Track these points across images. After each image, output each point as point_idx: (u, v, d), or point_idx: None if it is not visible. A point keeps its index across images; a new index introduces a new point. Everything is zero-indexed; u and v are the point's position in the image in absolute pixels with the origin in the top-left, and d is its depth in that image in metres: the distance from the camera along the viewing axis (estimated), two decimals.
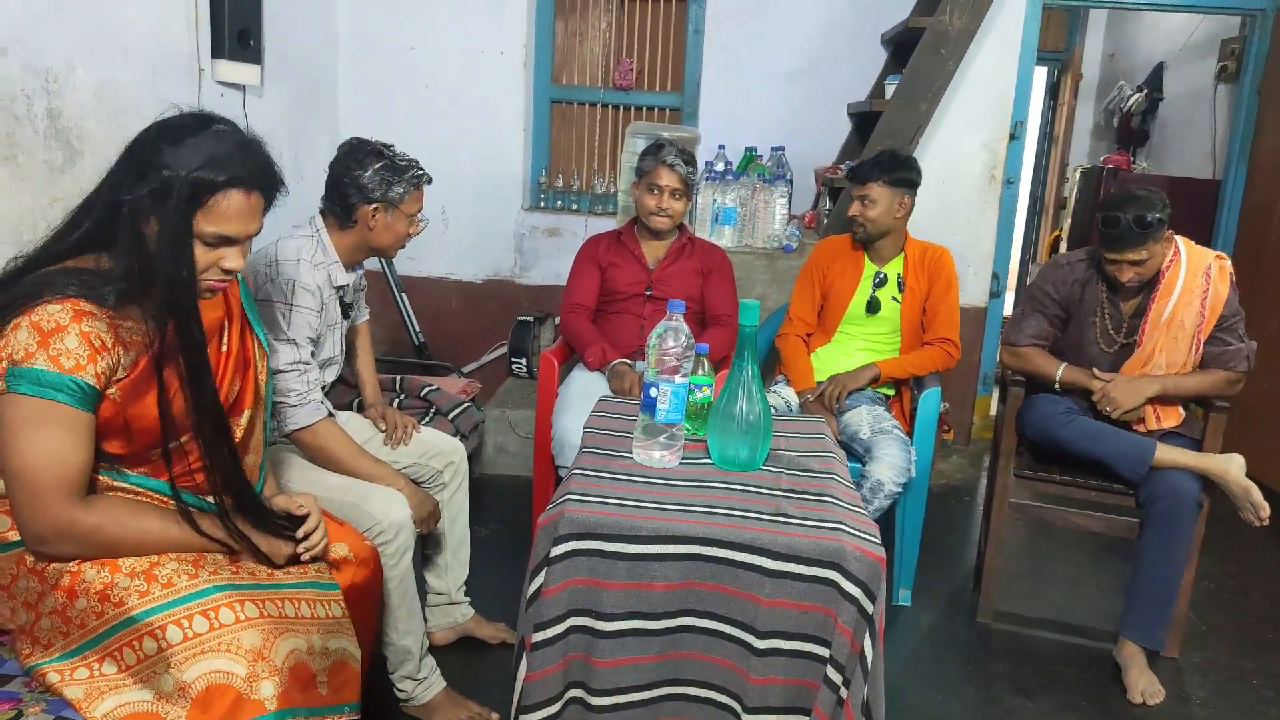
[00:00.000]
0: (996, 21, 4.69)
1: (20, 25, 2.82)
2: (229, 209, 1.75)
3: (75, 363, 1.67)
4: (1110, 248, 3.08)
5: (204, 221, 1.73)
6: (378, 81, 5.13)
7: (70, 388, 1.67)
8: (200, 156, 1.70)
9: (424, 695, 2.60)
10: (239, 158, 1.75)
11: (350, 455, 2.58)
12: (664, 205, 3.53)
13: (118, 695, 1.68)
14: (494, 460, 4.57)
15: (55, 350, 1.66)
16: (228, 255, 1.80)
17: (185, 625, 1.70)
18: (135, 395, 1.78)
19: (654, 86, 5.45)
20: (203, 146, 1.72)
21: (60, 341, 1.66)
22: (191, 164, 1.69)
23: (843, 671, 1.87)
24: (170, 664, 1.68)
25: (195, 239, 1.74)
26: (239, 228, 1.78)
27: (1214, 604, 3.65)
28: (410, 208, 2.69)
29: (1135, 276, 3.10)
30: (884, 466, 3.18)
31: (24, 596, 1.78)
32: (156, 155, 1.70)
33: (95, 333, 1.69)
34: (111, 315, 1.73)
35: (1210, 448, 3.10)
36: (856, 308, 3.61)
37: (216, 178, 1.71)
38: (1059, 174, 8.50)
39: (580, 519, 1.94)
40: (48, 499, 1.68)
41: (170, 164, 1.69)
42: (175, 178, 1.68)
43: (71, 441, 1.69)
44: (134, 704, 1.68)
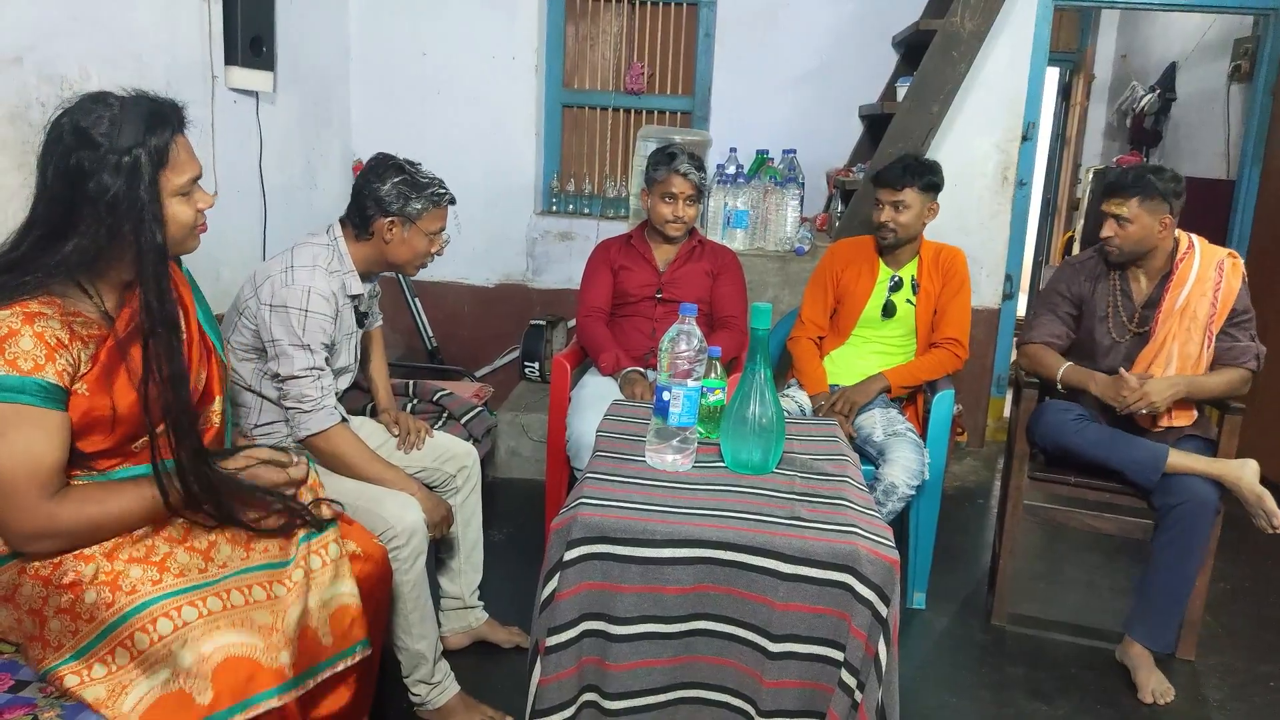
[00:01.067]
0: (1008, 23, 4.68)
1: (35, 34, 2.84)
2: (184, 154, 1.84)
3: (34, 363, 1.68)
4: (1105, 195, 3.17)
5: (173, 176, 1.81)
6: (390, 87, 5.15)
7: (33, 388, 1.68)
8: (138, 125, 1.77)
9: (438, 699, 2.60)
10: (160, 110, 1.82)
11: (364, 460, 2.59)
12: (679, 213, 3.54)
13: (139, 686, 1.70)
14: (507, 464, 4.58)
15: (11, 354, 1.67)
16: (200, 196, 1.90)
17: (175, 616, 1.73)
18: (105, 385, 1.80)
19: (665, 90, 5.45)
20: (131, 117, 1.77)
21: (15, 345, 1.68)
22: (139, 134, 1.76)
23: (857, 675, 1.86)
24: (186, 641, 1.71)
25: (171, 196, 1.81)
26: (196, 165, 1.88)
27: (1230, 607, 3.63)
28: (429, 225, 2.69)
29: (1116, 238, 3.13)
30: (897, 469, 3.18)
31: (29, 604, 1.79)
32: (98, 149, 1.74)
33: (49, 331, 1.71)
34: (64, 310, 1.75)
35: (1226, 450, 3.09)
36: (872, 311, 3.59)
37: (164, 133, 1.79)
38: (1072, 175, 8.47)
39: (594, 523, 1.94)
40: (25, 499, 1.70)
41: (121, 146, 1.74)
42: (137, 153, 1.74)
43: (42, 440, 1.71)
44: (157, 688, 1.70)
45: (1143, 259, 3.18)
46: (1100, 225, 3.18)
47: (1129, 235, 3.11)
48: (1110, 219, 3.13)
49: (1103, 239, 3.17)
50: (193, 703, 1.69)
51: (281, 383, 2.54)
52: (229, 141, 3.81)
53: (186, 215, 1.86)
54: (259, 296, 2.55)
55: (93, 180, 1.72)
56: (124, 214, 1.74)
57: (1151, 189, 3.07)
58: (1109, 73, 8.35)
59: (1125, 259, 3.19)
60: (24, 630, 1.81)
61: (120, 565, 1.79)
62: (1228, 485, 2.98)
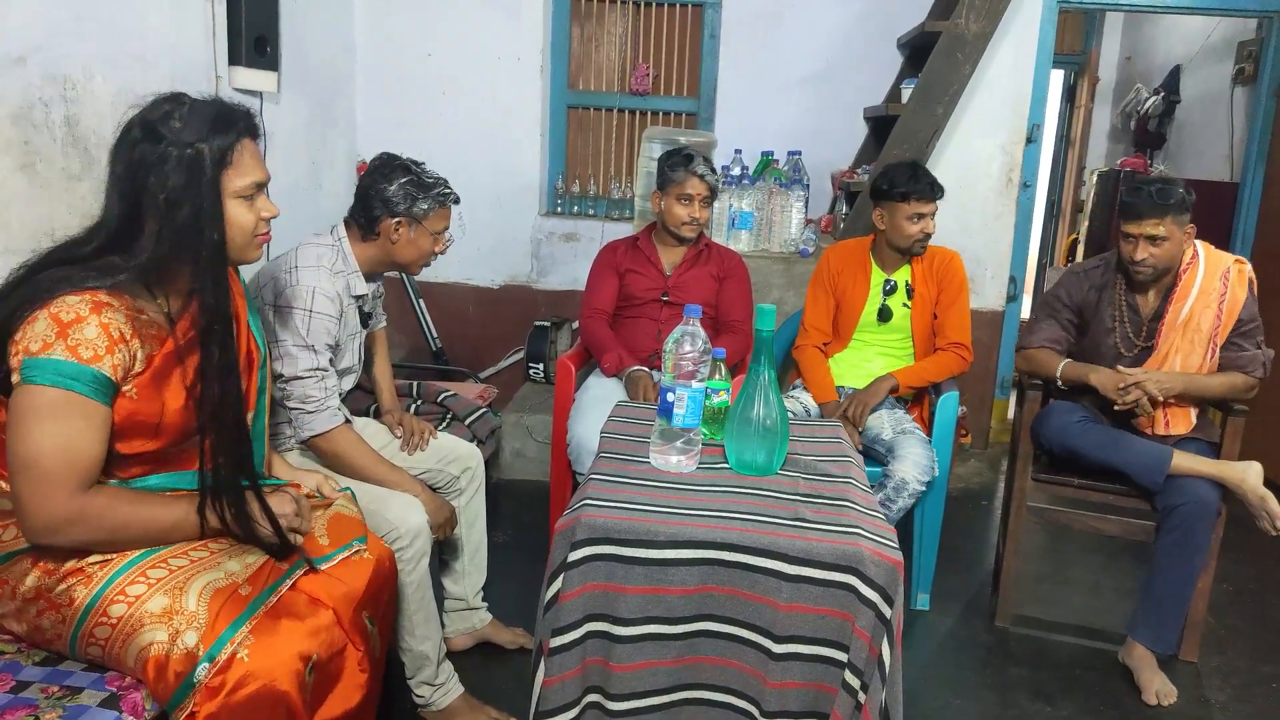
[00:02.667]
0: (1013, 25, 4.68)
1: (39, 35, 2.84)
2: (249, 158, 1.84)
3: (94, 353, 1.68)
4: (1130, 217, 3.07)
5: (235, 177, 1.81)
6: (395, 88, 5.15)
7: (89, 378, 1.68)
8: (203, 123, 1.77)
9: (442, 700, 2.61)
10: (229, 113, 1.83)
11: (367, 461, 2.59)
12: (695, 215, 3.54)
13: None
14: (511, 465, 4.58)
15: (74, 340, 1.67)
16: (263, 204, 1.90)
17: (120, 601, 1.77)
18: (155, 389, 1.80)
19: (670, 92, 5.45)
20: (197, 116, 1.78)
21: (80, 332, 1.68)
22: (202, 132, 1.76)
23: (861, 676, 1.86)
24: (120, 647, 1.76)
25: (233, 198, 1.82)
26: (262, 172, 1.87)
27: (1233, 608, 3.63)
28: (435, 225, 2.70)
29: (1150, 259, 3.07)
30: (908, 465, 3.18)
31: (26, 595, 1.82)
32: (161, 143, 1.74)
33: (114, 324, 1.71)
34: (130, 305, 1.75)
35: (1229, 452, 3.09)
36: (869, 316, 3.59)
37: (230, 134, 1.80)
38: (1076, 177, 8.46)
39: (598, 524, 1.94)
40: (56, 488, 1.68)
41: (184, 140, 1.75)
42: (200, 148, 1.75)
43: (87, 433, 1.70)
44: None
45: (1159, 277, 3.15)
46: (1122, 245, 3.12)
47: (1164, 253, 3.06)
48: (1141, 241, 3.06)
49: (1135, 262, 3.09)
50: (239, 594, 1.81)
51: (285, 384, 2.54)
52: None
53: (246, 219, 1.86)
54: (263, 297, 2.56)
55: (154, 174, 1.74)
56: (184, 210, 1.75)
57: (1180, 203, 3.02)
58: (1113, 75, 8.34)
59: (1156, 277, 3.15)
60: (27, 623, 1.84)
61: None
62: (1231, 487, 2.97)
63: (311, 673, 1.84)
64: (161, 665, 1.72)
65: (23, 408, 1.67)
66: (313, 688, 1.86)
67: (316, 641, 1.87)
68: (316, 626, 1.89)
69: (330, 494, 2.28)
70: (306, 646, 1.83)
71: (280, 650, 1.78)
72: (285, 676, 1.76)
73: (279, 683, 1.75)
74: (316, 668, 1.86)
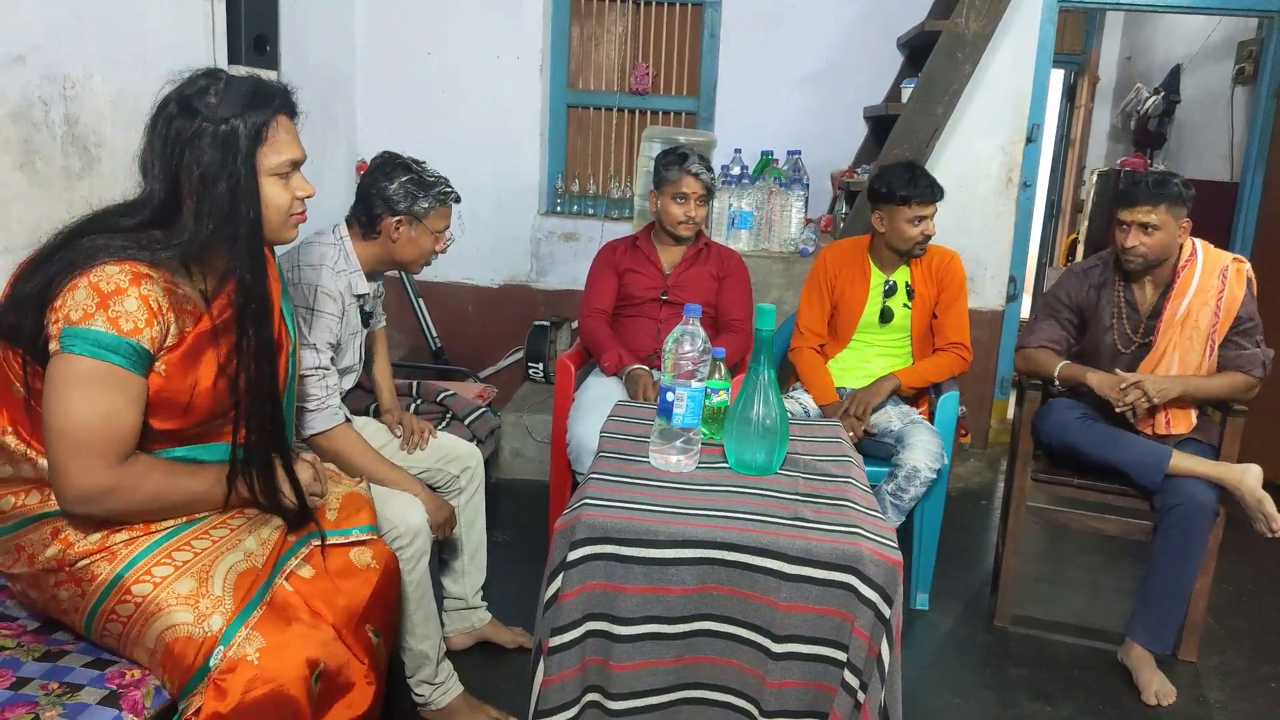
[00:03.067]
0: (1013, 24, 4.68)
1: (39, 34, 2.84)
2: (284, 135, 1.84)
3: (133, 325, 1.69)
4: (1125, 204, 3.11)
5: (271, 154, 1.81)
6: (394, 87, 5.14)
7: (127, 350, 1.68)
8: (239, 99, 1.77)
9: (441, 700, 2.61)
10: (265, 89, 1.83)
11: (367, 460, 2.59)
12: (690, 213, 3.54)
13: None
14: (511, 465, 4.58)
15: (115, 312, 1.67)
16: (299, 182, 1.89)
17: (146, 581, 1.79)
18: (187, 367, 1.80)
19: (670, 91, 5.45)
20: (234, 92, 1.78)
21: (120, 304, 1.68)
22: (237, 107, 1.76)
23: (860, 675, 1.86)
24: (141, 627, 1.77)
25: (268, 176, 1.82)
26: (298, 150, 1.87)
27: (1232, 608, 3.63)
28: (435, 224, 2.70)
29: (1141, 246, 3.09)
30: (918, 453, 3.18)
31: (45, 565, 1.83)
32: (196, 118, 1.75)
33: (153, 296, 1.71)
34: (168, 279, 1.76)
35: (1228, 453, 3.09)
36: (870, 318, 3.59)
37: (265, 111, 1.79)
38: (1076, 177, 8.48)
39: (597, 523, 1.94)
40: (94, 458, 1.69)
41: (219, 116, 1.74)
42: (234, 124, 1.75)
43: (124, 404, 1.71)
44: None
45: (1153, 267, 3.16)
46: (1116, 233, 3.15)
47: (1156, 242, 3.08)
48: (1133, 228, 3.09)
49: (1126, 249, 3.12)
50: (256, 572, 1.86)
51: None
52: None
53: (281, 198, 1.86)
54: None
55: (190, 149, 1.74)
56: (220, 187, 1.75)
57: (1174, 193, 3.05)
58: (1113, 75, 8.35)
59: (1146, 267, 3.16)
60: (43, 592, 1.85)
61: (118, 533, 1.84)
62: (1229, 488, 2.97)
63: (318, 681, 1.84)
64: (184, 648, 1.73)
65: (63, 376, 1.68)
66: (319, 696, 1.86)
67: (325, 651, 1.86)
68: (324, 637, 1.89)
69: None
70: (315, 652, 1.83)
71: (289, 655, 1.78)
72: (294, 682, 1.76)
73: (288, 687, 1.75)
74: (324, 676, 1.86)
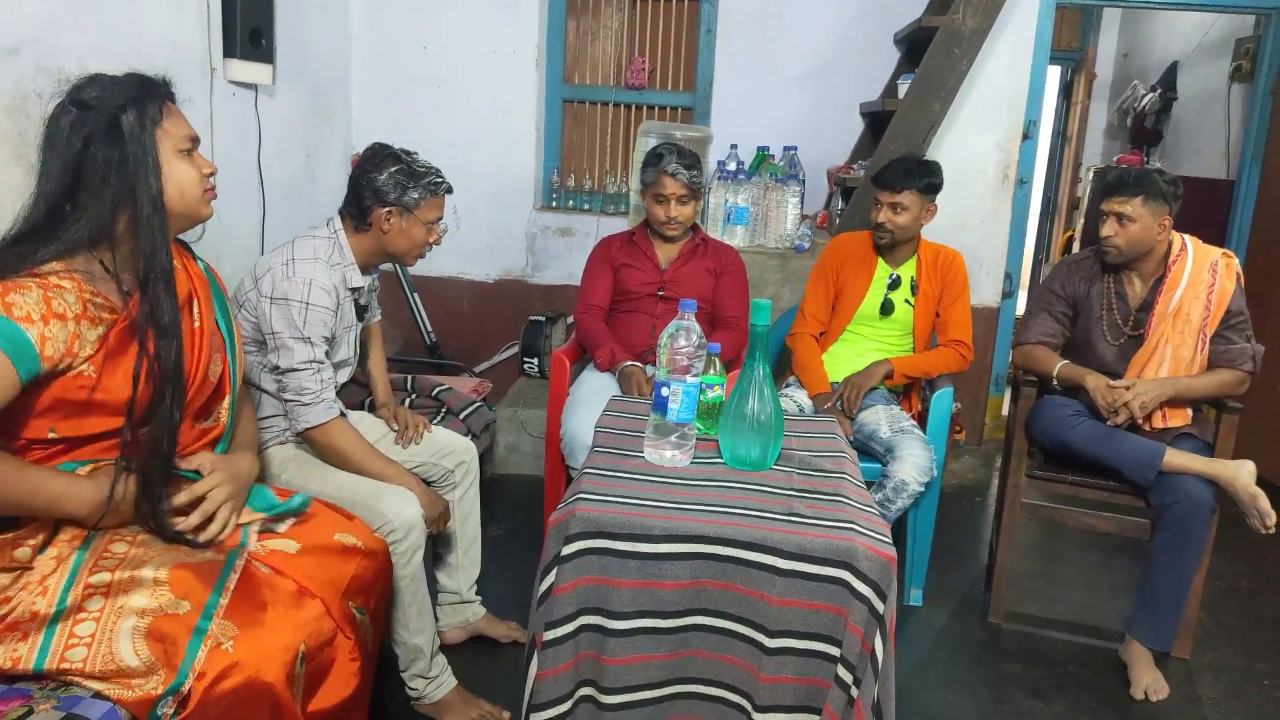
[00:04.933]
0: (1010, 21, 4.68)
1: (34, 27, 2.83)
2: (178, 115, 1.92)
3: (26, 315, 1.69)
4: (1106, 194, 3.15)
5: (172, 131, 1.88)
6: (390, 81, 5.13)
7: (16, 338, 1.67)
8: (128, 88, 1.84)
9: (435, 694, 2.61)
10: (149, 80, 1.90)
11: (362, 454, 2.59)
12: (672, 214, 3.53)
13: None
14: (506, 460, 4.58)
15: (10, 300, 1.68)
16: (201, 160, 1.95)
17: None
18: (113, 367, 1.81)
19: (666, 86, 5.44)
20: (120, 84, 1.85)
21: (19, 295, 1.69)
22: (130, 94, 1.83)
23: (853, 671, 1.87)
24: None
25: (174, 154, 1.88)
26: (192, 130, 1.94)
27: (1226, 605, 3.63)
28: (427, 215, 2.68)
29: (1115, 237, 3.13)
30: (907, 466, 3.18)
31: None
32: (91, 110, 1.80)
33: (58, 301, 1.73)
34: (82, 288, 1.77)
35: (1223, 449, 3.10)
36: (870, 308, 3.59)
37: (156, 96, 1.87)
38: (1072, 174, 8.47)
39: (591, 518, 1.94)
40: None
41: (113, 104, 1.81)
42: (130, 108, 1.82)
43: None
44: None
45: (1138, 261, 3.18)
46: (1099, 224, 3.18)
47: (1130, 235, 3.11)
48: (1111, 218, 3.13)
49: (1102, 238, 3.16)
50: (176, 617, 1.78)
51: (281, 375, 2.55)
52: (228, 135, 3.80)
53: (192, 174, 1.92)
54: (260, 289, 2.55)
55: (90, 142, 1.79)
56: (121, 169, 1.80)
57: (1154, 188, 3.07)
58: (1110, 71, 8.35)
59: (1123, 259, 3.18)
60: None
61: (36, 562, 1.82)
62: (1223, 485, 2.98)
63: (303, 664, 1.84)
64: (126, 703, 1.72)
65: None
66: (305, 678, 1.86)
67: (305, 632, 1.86)
68: (305, 618, 1.89)
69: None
70: (294, 638, 1.83)
71: (266, 642, 1.78)
72: (272, 668, 1.75)
73: (264, 674, 1.74)
74: (307, 658, 1.86)
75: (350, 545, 2.14)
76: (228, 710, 1.71)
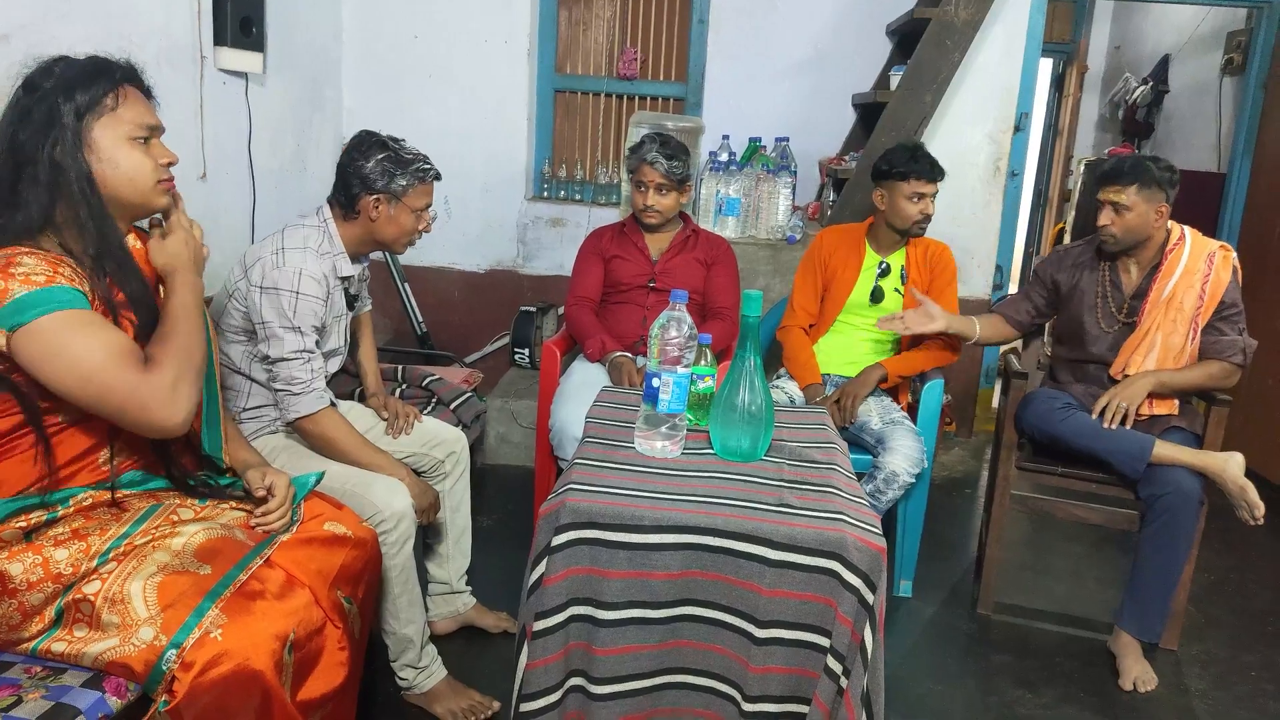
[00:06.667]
0: (1002, 12, 4.68)
1: (24, 13, 2.81)
2: (135, 103, 1.89)
3: (46, 276, 1.71)
4: (1102, 182, 3.15)
5: (121, 118, 1.86)
6: (381, 70, 5.12)
7: (60, 294, 1.70)
8: (80, 71, 1.83)
9: (425, 684, 2.61)
10: (105, 63, 1.88)
11: (352, 444, 2.59)
12: (649, 202, 3.53)
13: (135, 581, 1.81)
14: (496, 450, 4.58)
15: (21, 273, 1.69)
16: (160, 150, 1.93)
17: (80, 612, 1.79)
18: None
19: (658, 76, 5.44)
20: (73, 67, 1.84)
21: (19, 267, 1.70)
22: (79, 78, 1.82)
23: (843, 661, 1.87)
24: (78, 657, 1.77)
25: (123, 141, 1.86)
26: (154, 117, 1.92)
27: (1214, 597, 3.65)
28: (415, 202, 2.67)
29: (1111, 226, 3.13)
30: (898, 458, 3.18)
31: None
32: (35, 93, 1.81)
33: (42, 258, 1.74)
34: (49, 257, 1.77)
35: (1212, 440, 3.11)
36: (860, 296, 3.59)
37: (106, 82, 1.85)
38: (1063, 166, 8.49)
39: (582, 508, 1.94)
40: (136, 379, 1.73)
41: (59, 87, 1.81)
42: (71, 95, 1.81)
43: (101, 330, 1.74)
44: (157, 574, 1.83)
45: (1135, 249, 3.19)
46: (1095, 214, 3.18)
47: (1126, 223, 3.11)
48: (1107, 207, 3.13)
49: (1099, 227, 3.16)
50: (196, 575, 1.82)
51: (271, 365, 2.54)
52: (218, 123, 3.79)
53: (143, 163, 1.90)
54: (249, 278, 2.55)
55: (29, 124, 1.79)
56: (50, 154, 1.79)
57: (1150, 176, 3.07)
58: (1102, 64, 8.36)
59: (1120, 248, 3.19)
60: None
61: (48, 552, 1.82)
62: (1212, 477, 2.99)
63: (291, 652, 1.84)
64: (123, 664, 1.73)
65: (38, 348, 1.69)
66: (293, 667, 1.86)
67: (293, 620, 1.87)
68: (293, 606, 1.89)
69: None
70: (282, 626, 1.83)
71: (255, 630, 1.78)
72: (260, 656, 1.75)
73: (253, 662, 1.74)
74: (295, 647, 1.86)
75: (340, 535, 2.14)
76: (217, 698, 1.71)
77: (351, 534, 2.17)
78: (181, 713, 1.69)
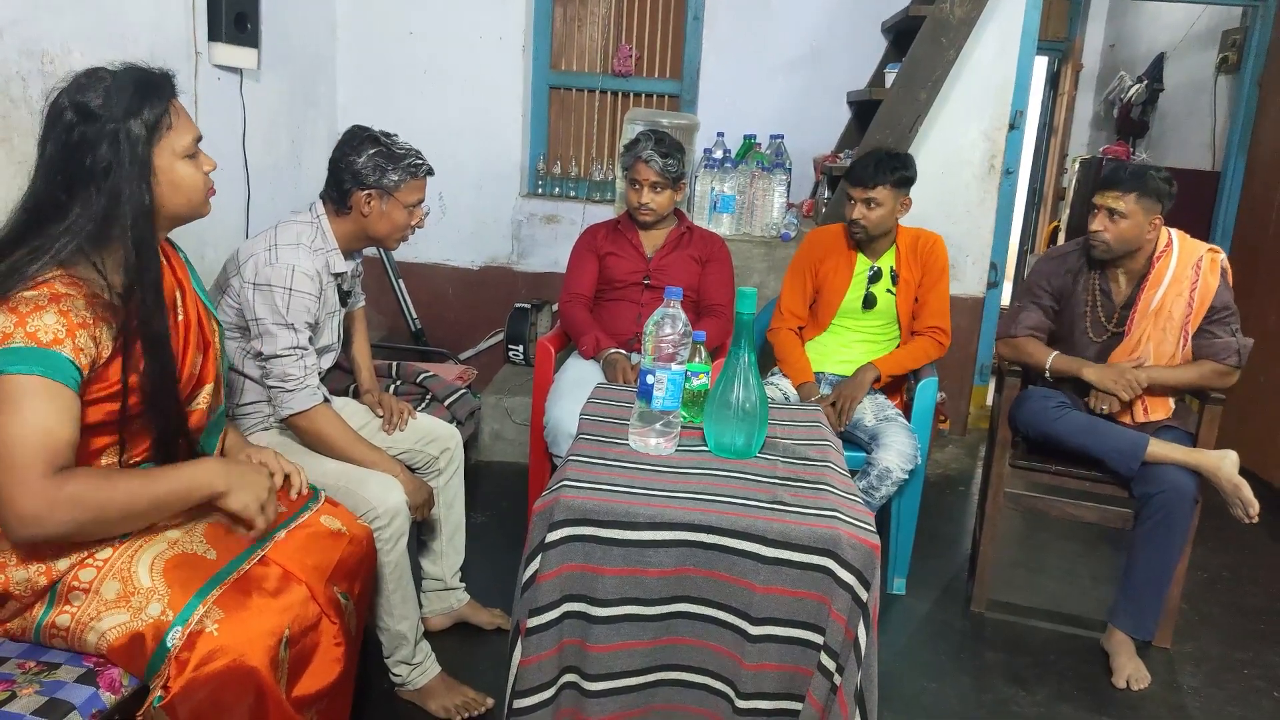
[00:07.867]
0: (997, 10, 4.68)
1: (17, 8, 2.80)
2: (183, 118, 1.89)
3: (54, 337, 1.66)
4: (1099, 188, 3.14)
5: (176, 138, 1.85)
6: (376, 66, 5.11)
7: (50, 362, 1.65)
8: (133, 94, 1.79)
9: (419, 680, 2.61)
10: (153, 79, 1.86)
11: (346, 441, 2.58)
12: (644, 200, 3.53)
13: (143, 556, 1.84)
14: (490, 447, 4.58)
15: (33, 327, 1.65)
16: (204, 159, 1.94)
17: (77, 589, 1.80)
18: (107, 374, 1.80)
19: (653, 73, 5.43)
20: (124, 87, 1.80)
21: (38, 319, 1.66)
22: (133, 102, 1.79)
23: (836, 659, 1.87)
24: (80, 636, 1.78)
25: (181, 159, 1.86)
26: (195, 129, 1.92)
27: (1207, 594, 3.65)
28: (407, 197, 2.66)
29: (1105, 232, 3.12)
30: (892, 454, 3.19)
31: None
32: (96, 121, 1.76)
33: (75, 311, 1.69)
34: (87, 293, 1.73)
35: (1205, 439, 3.11)
36: (852, 303, 3.58)
37: (162, 100, 1.83)
38: (1058, 164, 8.49)
39: (576, 505, 1.94)
40: (32, 474, 1.62)
41: (118, 114, 1.76)
42: (134, 119, 1.78)
43: (54, 414, 1.65)
44: (165, 549, 1.86)
45: (1124, 258, 3.17)
46: (1088, 217, 3.18)
47: (1120, 231, 3.09)
48: (1102, 212, 3.12)
49: (1091, 232, 3.15)
50: (203, 559, 1.84)
51: (265, 362, 2.53)
52: (212, 119, 3.78)
53: (196, 177, 1.91)
54: (243, 275, 2.54)
55: (91, 152, 1.75)
56: (114, 182, 1.76)
57: (1150, 186, 3.05)
58: (1097, 62, 8.36)
59: (1110, 256, 3.17)
60: None
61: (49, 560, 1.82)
62: (1206, 475, 2.99)
63: (286, 648, 1.84)
64: (129, 642, 1.73)
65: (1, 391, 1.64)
66: (289, 663, 1.86)
67: (289, 616, 1.87)
68: (289, 602, 1.89)
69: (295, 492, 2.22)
70: (278, 622, 1.83)
71: (251, 626, 1.78)
72: (256, 652, 1.75)
73: (248, 658, 1.74)
74: (291, 643, 1.86)
75: (335, 530, 2.14)
76: (212, 694, 1.71)
77: (347, 530, 2.17)
78: (176, 708, 1.70)
